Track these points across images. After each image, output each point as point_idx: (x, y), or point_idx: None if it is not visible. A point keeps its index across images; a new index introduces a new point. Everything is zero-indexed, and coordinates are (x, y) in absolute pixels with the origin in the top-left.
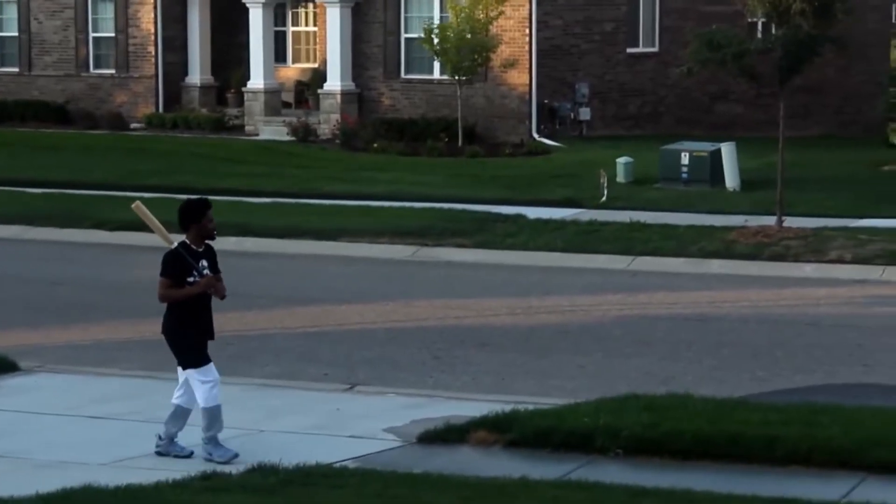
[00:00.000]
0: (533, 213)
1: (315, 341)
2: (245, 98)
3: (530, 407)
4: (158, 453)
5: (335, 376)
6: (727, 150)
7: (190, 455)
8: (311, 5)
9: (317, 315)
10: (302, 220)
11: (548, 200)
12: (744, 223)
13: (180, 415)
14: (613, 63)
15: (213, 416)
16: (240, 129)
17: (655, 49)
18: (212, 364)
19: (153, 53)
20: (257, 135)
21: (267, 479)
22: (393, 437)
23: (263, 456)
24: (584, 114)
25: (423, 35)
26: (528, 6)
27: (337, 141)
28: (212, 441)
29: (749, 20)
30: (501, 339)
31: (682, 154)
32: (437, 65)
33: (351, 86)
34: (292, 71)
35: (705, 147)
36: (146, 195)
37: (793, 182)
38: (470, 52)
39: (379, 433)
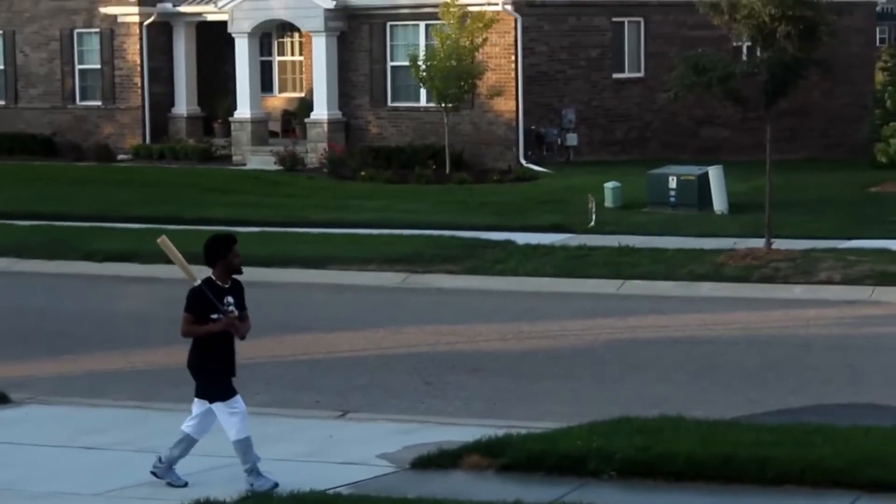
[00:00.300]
0: (522, 238)
1: (306, 369)
2: (232, 128)
3: (523, 431)
4: (154, 474)
5: (327, 403)
6: (714, 174)
7: (184, 485)
8: (296, 35)
9: (307, 343)
10: (290, 248)
11: (536, 226)
12: (733, 246)
13: (186, 443)
14: (599, 88)
15: (245, 448)
16: (227, 158)
17: (641, 74)
18: (238, 396)
19: (139, 85)
20: (245, 164)
21: None
22: (386, 462)
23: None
24: (571, 139)
25: (409, 63)
26: (513, 33)
27: (324, 170)
28: (252, 472)
29: (734, 44)
30: (493, 365)
31: (670, 178)
32: (423, 92)
33: (338, 114)
34: (279, 100)
35: (693, 171)
36: (134, 226)
37: (780, 205)
38: (456, 79)
39: (372, 459)
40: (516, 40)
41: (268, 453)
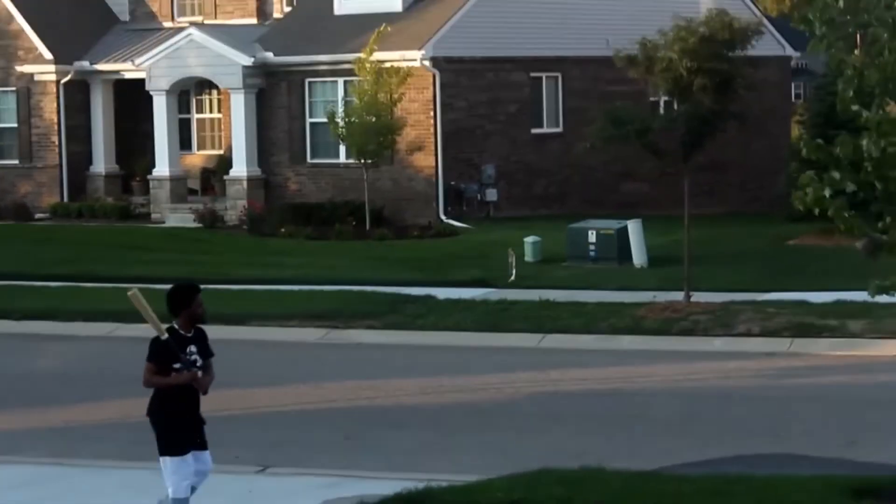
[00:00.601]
0: (443, 293)
1: (225, 425)
2: (151, 186)
3: (443, 484)
4: None
5: (246, 459)
6: (634, 228)
7: None
8: (214, 92)
9: (226, 399)
10: (210, 304)
11: (457, 281)
12: (652, 299)
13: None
14: (519, 144)
15: None
16: (146, 216)
17: (560, 129)
18: (188, 458)
19: (57, 143)
20: (163, 222)
21: None
22: None
23: None
24: (491, 195)
25: (327, 119)
26: (431, 88)
27: (244, 227)
28: None
29: (651, 99)
30: (413, 419)
31: (589, 232)
32: (342, 149)
33: (257, 171)
34: (198, 158)
35: (612, 225)
36: (53, 284)
37: (700, 258)
38: (375, 134)
39: None
40: (435, 95)
41: None
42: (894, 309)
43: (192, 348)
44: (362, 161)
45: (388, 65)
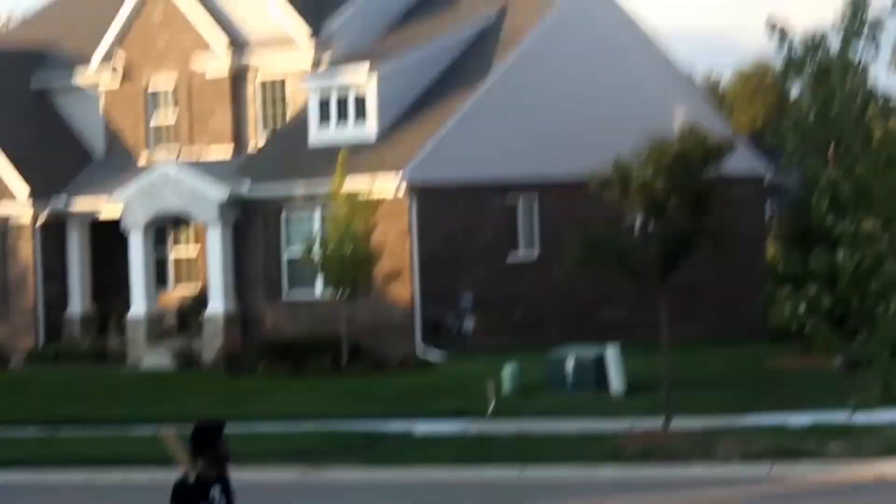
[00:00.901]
0: (421, 427)
1: None
2: (127, 327)
3: None
4: None
5: None
6: (611, 354)
7: None
8: (191, 228)
9: None
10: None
11: (435, 413)
12: (631, 428)
13: None
14: (495, 272)
15: None
16: (122, 358)
17: (536, 255)
18: None
19: (33, 285)
20: (140, 363)
21: None
22: None
23: None
24: (469, 324)
25: (304, 251)
26: (407, 217)
27: (221, 365)
28: None
29: (627, 224)
30: None
31: (567, 360)
32: (319, 283)
33: (234, 307)
34: (175, 295)
35: (589, 353)
36: (29, 430)
37: (678, 383)
38: (351, 265)
39: None
40: (411, 224)
41: None
42: (873, 430)
43: (215, 492)
44: (339, 293)
45: (363, 194)
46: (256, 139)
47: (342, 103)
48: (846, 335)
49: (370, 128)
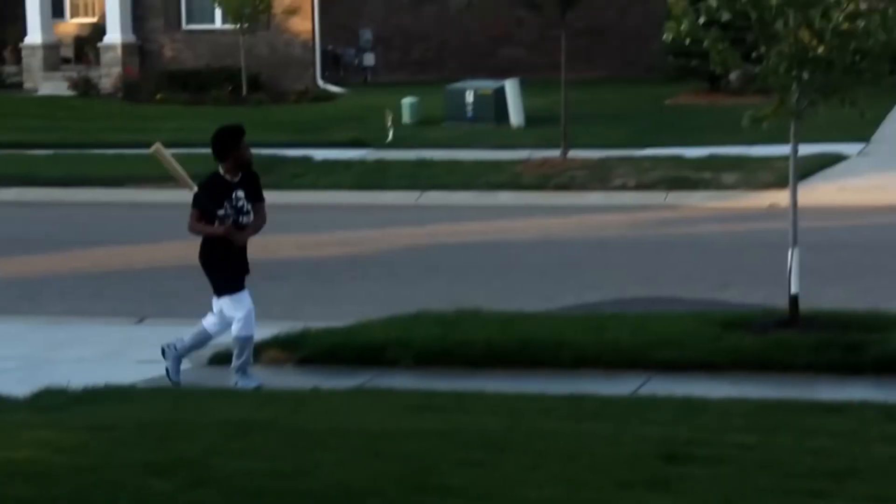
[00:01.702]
0: (320, 154)
1: (102, 281)
2: (23, 54)
3: (322, 326)
4: (162, 352)
5: (123, 311)
6: (511, 87)
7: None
8: None
9: (103, 257)
10: (86, 169)
11: (335, 142)
12: (529, 156)
13: (202, 336)
14: (396, 9)
15: (243, 346)
16: (19, 86)
17: None
18: (245, 292)
19: None
20: (37, 91)
21: (56, 399)
22: (184, 361)
23: (50, 381)
24: (368, 60)
25: None
26: None
27: (119, 94)
28: (240, 370)
29: None
30: (291, 272)
31: (467, 92)
32: (218, 14)
33: (132, 38)
34: (71, 26)
35: (490, 85)
36: None
37: (577, 118)
38: None
39: None
40: None
41: (61, 356)
42: (767, 162)
43: (240, 193)
44: (238, 26)
45: None
46: None
47: None
48: (744, 51)
49: None
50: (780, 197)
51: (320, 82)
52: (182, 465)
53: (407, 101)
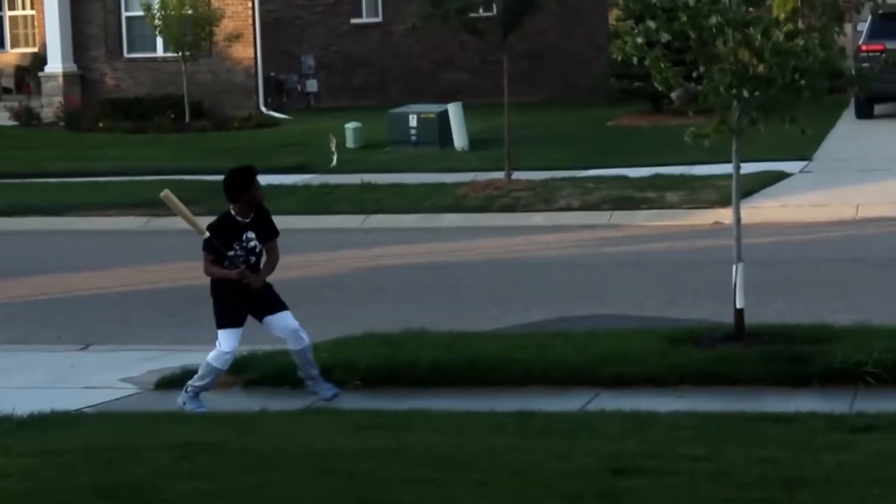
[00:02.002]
0: (265, 179)
1: (47, 308)
2: None
3: (269, 349)
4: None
5: (69, 338)
6: (454, 111)
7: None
8: None
9: (48, 284)
10: (28, 197)
11: (279, 167)
12: (473, 178)
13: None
14: (338, 34)
15: (209, 373)
16: None
17: (379, 19)
18: (239, 331)
19: None
20: None
21: (1, 425)
22: (129, 385)
23: None
24: (311, 86)
25: (143, 12)
26: None
27: (61, 123)
28: (194, 392)
29: None
30: None
31: (410, 116)
32: (160, 42)
33: (73, 67)
34: (12, 56)
35: (433, 109)
36: None
37: (521, 140)
38: (192, 26)
39: (115, 383)
40: None
41: (7, 382)
42: (710, 180)
43: (251, 234)
44: (180, 54)
45: None
46: None
47: None
48: (685, 69)
49: None
50: (724, 214)
51: (263, 108)
52: (130, 489)
53: (350, 126)
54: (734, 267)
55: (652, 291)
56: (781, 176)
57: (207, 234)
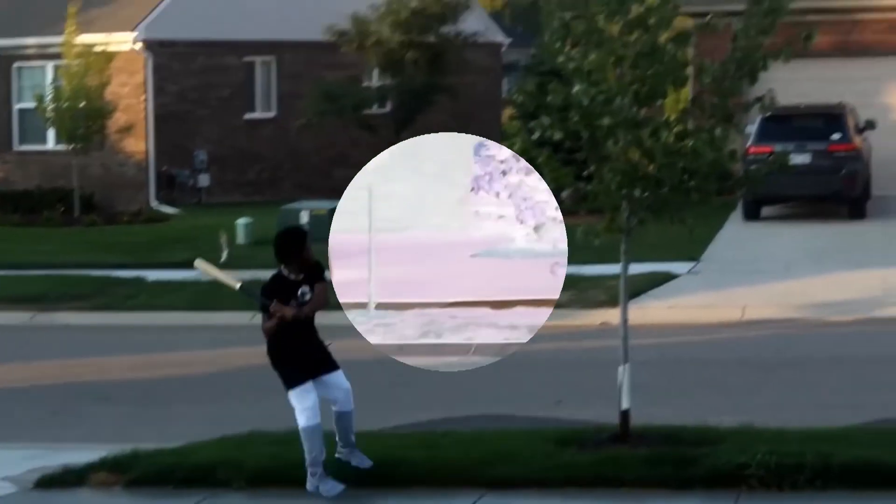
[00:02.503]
0: (153, 275)
1: None
2: None
3: (152, 448)
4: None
5: None
6: None
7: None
8: None
9: None
10: None
11: (168, 263)
12: None
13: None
14: (231, 129)
15: (309, 438)
16: None
17: (273, 114)
18: (310, 384)
19: None
20: None
21: None
22: (9, 484)
23: None
24: (203, 180)
25: (35, 104)
26: (143, 72)
27: None
28: (312, 469)
29: (365, 83)
30: (122, 393)
31: (302, 213)
32: (51, 135)
33: None
34: None
35: (324, 205)
36: None
37: None
38: (85, 118)
39: None
40: (146, 79)
41: None
42: (599, 280)
43: (305, 289)
44: (72, 146)
45: (98, 48)
46: None
47: None
48: (576, 169)
49: None
50: (612, 315)
51: (154, 203)
52: None
53: (242, 222)
54: (620, 368)
55: (539, 392)
56: (669, 277)
57: (238, 285)
